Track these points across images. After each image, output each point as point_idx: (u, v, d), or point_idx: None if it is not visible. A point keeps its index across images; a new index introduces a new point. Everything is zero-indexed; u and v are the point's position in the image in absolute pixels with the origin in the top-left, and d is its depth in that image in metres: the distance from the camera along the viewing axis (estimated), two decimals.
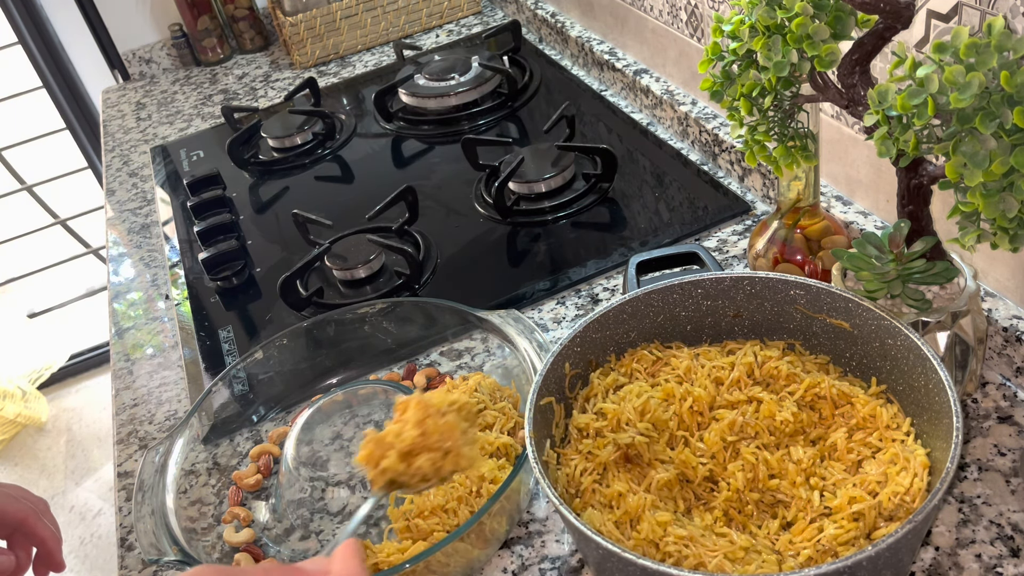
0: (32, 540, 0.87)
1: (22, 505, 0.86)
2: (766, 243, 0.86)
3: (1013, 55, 0.53)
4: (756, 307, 0.73)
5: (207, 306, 1.10)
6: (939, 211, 0.70)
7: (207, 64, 1.82)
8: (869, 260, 0.66)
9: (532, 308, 0.98)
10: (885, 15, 0.61)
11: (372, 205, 1.15)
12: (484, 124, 1.39)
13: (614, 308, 0.72)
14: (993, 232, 0.57)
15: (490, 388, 0.83)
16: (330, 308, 1.02)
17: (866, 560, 0.50)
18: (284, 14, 1.67)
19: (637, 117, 1.27)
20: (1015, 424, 0.73)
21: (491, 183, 1.16)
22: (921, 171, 0.65)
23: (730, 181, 1.10)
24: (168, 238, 1.27)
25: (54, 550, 0.88)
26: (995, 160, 0.53)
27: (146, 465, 0.79)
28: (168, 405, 0.98)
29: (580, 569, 0.71)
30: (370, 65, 1.67)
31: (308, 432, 0.82)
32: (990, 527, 0.66)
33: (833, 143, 0.93)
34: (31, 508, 0.87)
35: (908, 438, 0.62)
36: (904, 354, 0.64)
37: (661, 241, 1.03)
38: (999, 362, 0.77)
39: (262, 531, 0.79)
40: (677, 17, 1.15)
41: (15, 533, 0.86)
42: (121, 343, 1.10)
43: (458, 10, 1.76)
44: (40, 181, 2.56)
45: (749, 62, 0.67)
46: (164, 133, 1.59)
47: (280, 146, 1.41)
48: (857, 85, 0.65)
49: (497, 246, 1.10)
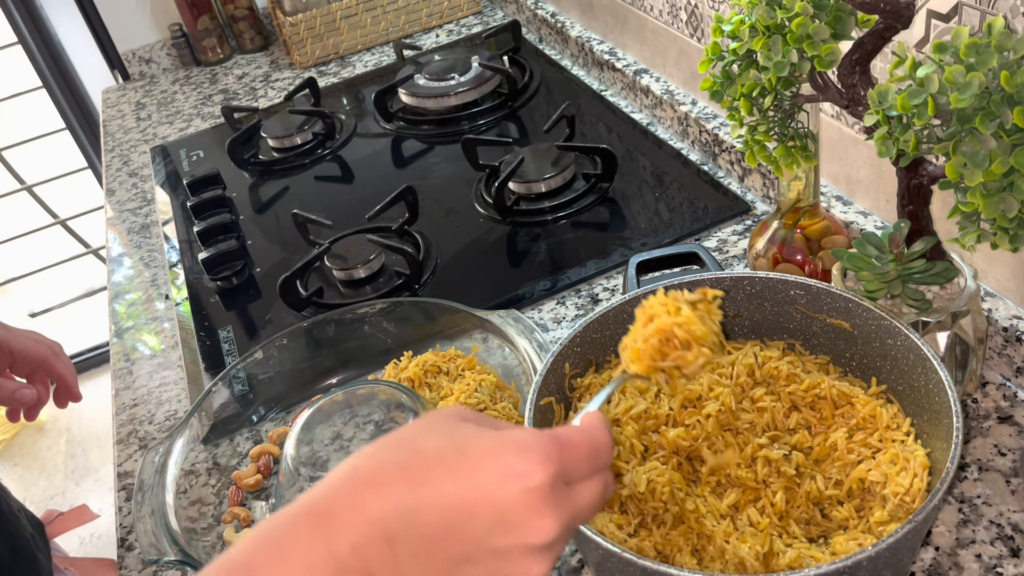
0: (51, 375, 1.03)
1: (41, 346, 1.01)
2: (766, 243, 0.86)
3: (1013, 55, 0.53)
4: (756, 307, 0.73)
5: (207, 306, 1.10)
6: (939, 211, 0.70)
7: (207, 64, 1.82)
8: (869, 260, 0.66)
9: (532, 308, 0.98)
10: (885, 15, 0.61)
11: (372, 205, 1.15)
12: (484, 124, 1.38)
13: (614, 308, 0.72)
14: (993, 232, 0.57)
15: (490, 388, 0.83)
16: (330, 308, 1.02)
17: (866, 560, 0.50)
18: (284, 14, 1.67)
19: (637, 117, 1.27)
20: (1015, 424, 0.73)
21: (491, 183, 1.16)
22: (921, 171, 0.65)
23: (730, 181, 1.10)
24: (168, 238, 1.27)
25: (71, 384, 1.04)
26: (995, 160, 0.53)
27: (146, 465, 0.79)
28: (168, 405, 0.98)
29: (580, 569, 0.71)
30: (370, 65, 1.67)
31: (308, 432, 0.82)
32: (990, 527, 0.66)
33: (833, 143, 0.93)
34: (49, 348, 1.02)
35: (908, 438, 0.62)
36: (904, 354, 0.64)
37: (661, 241, 1.03)
38: (999, 362, 0.77)
39: None
40: (677, 17, 1.15)
41: (35, 371, 1.01)
42: (121, 343, 1.10)
43: (458, 10, 1.76)
44: (40, 181, 2.56)
45: (749, 62, 0.67)
46: (164, 133, 1.59)
47: (280, 146, 1.41)
48: (857, 85, 0.65)
49: (497, 246, 1.10)
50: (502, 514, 0.41)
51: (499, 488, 0.41)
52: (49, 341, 1.04)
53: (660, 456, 0.65)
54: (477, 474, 0.41)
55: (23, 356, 1.00)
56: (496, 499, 0.41)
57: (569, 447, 0.44)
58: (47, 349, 1.02)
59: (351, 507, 0.41)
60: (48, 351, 1.02)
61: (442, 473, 0.41)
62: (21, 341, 1.01)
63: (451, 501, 0.41)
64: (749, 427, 0.67)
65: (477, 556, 0.41)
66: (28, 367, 1.01)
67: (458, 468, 0.41)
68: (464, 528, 0.41)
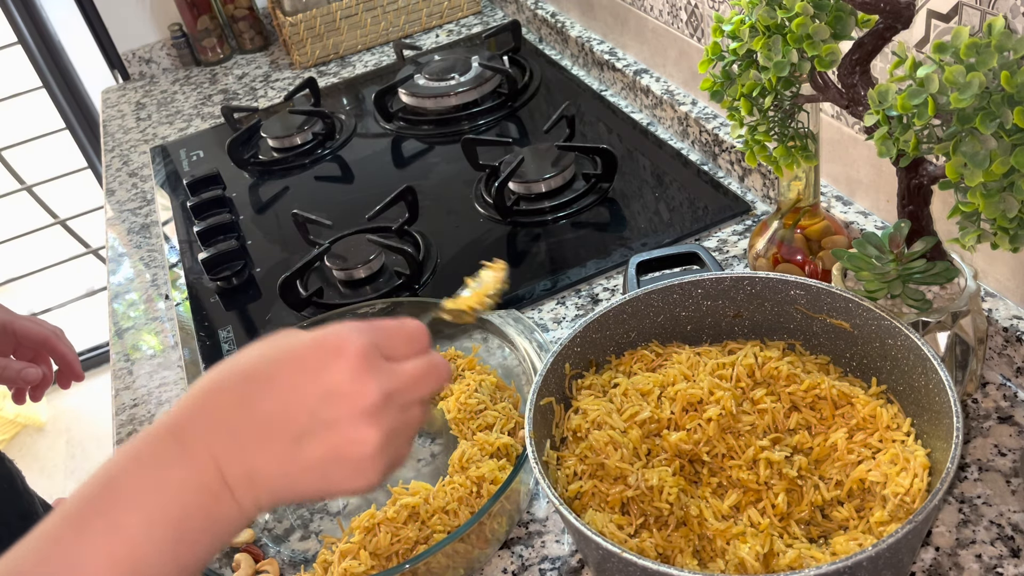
0: (54, 356, 1.05)
1: (44, 328, 1.04)
2: (766, 243, 0.86)
3: (1013, 55, 0.53)
4: (756, 307, 0.73)
5: (207, 306, 1.10)
6: (939, 211, 0.70)
7: (207, 64, 1.82)
8: (869, 260, 0.66)
9: (532, 308, 0.98)
10: (885, 15, 0.61)
11: (372, 205, 1.15)
12: (484, 124, 1.38)
13: (614, 308, 0.72)
14: (993, 232, 0.57)
15: (490, 388, 0.83)
16: (330, 308, 1.02)
17: (866, 560, 0.50)
18: (284, 14, 1.67)
19: (637, 117, 1.27)
20: (1015, 424, 0.73)
21: (491, 183, 1.16)
22: (921, 171, 0.65)
23: (730, 181, 1.10)
24: (168, 238, 1.27)
25: (74, 363, 1.06)
26: (995, 160, 0.53)
27: None
28: (168, 405, 0.98)
29: (580, 569, 0.71)
30: (370, 65, 1.67)
31: None
32: (990, 527, 0.66)
33: (833, 143, 0.93)
34: (52, 331, 1.04)
35: (908, 438, 0.62)
36: (904, 354, 0.64)
37: (661, 241, 1.03)
38: (999, 362, 0.77)
39: (262, 531, 0.79)
40: (677, 17, 1.15)
41: (39, 352, 1.04)
42: (121, 343, 1.10)
43: (458, 10, 1.76)
44: (40, 181, 2.56)
45: (749, 62, 0.67)
46: (164, 133, 1.59)
47: (280, 146, 1.41)
48: (857, 85, 0.65)
49: (497, 246, 1.10)
50: (327, 386, 0.46)
51: (322, 368, 0.46)
52: (51, 325, 1.06)
53: (663, 459, 0.65)
54: (302, 361, 0.47)
55: (27, 338, 1.02)
56: (321, 377, 0.46)
57: (381, 328, 0.50)
58: (50, 331, 1.04)
59: (199, 413, 0.46)
60: (51, 333, 1.04)
61: (273, 368, 0.47)
62: (24, 324, 1.03)
63: (282, 386, 0.46)
64: (750, 429, 0.67)
65: (313, 429, 0.45)
66: (32, 349, 1.03)
67: (287, 362, 0.47)
68: (296, 406, 0.46)
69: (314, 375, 0.46)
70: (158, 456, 0.45)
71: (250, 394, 0.46)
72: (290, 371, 0.46)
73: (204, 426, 0.46)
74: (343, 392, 0.46)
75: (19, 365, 1.00)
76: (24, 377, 1.00)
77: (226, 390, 0.47)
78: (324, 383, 0.46)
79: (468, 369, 0.86)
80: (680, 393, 0.67)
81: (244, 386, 0.47)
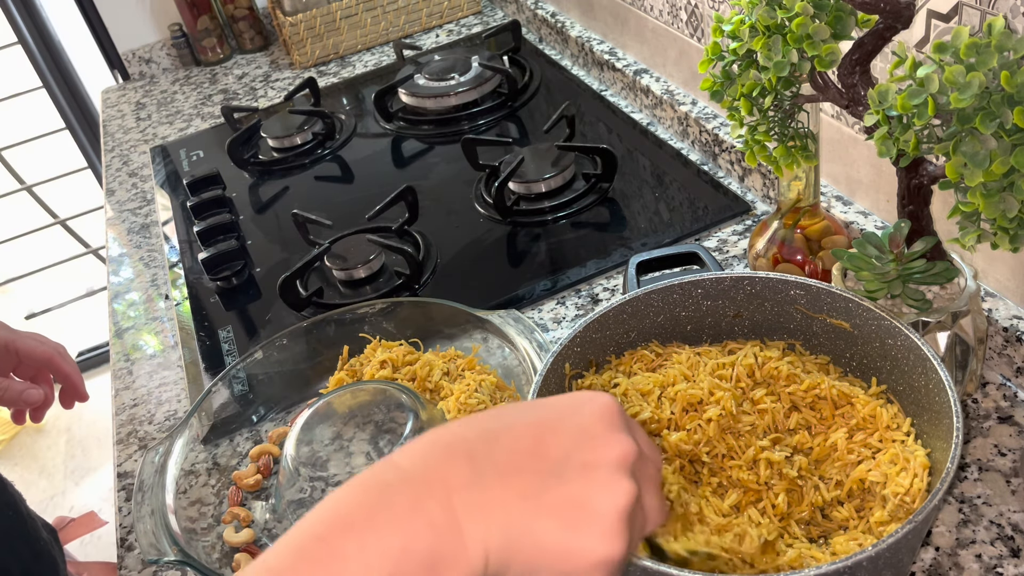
0: (57, 375, 1.03)
1: (47, 347, 1.01)
2: (766, 243, 0.86)
3: (1013, 55, 0.53)
4: (756, 307, 0.73)
5: (207, 306, 1.10)
6: (939, 211, 0.70)
7: (207, 64, 1.82)
8: (869, 260, 0.66)
9: (532, 308, 0.98)
10: (885, 15, 0.61)
11: (372, 205, 1.15)
12: (484, 124, 1.38)
13: (614, 308, 0.72)
14: (993, 232, 0.57)
15: (490, 388, 0.83)
16: (330, 308, 1.01)
17: (866, 560, 0.50)
18: (284, 14, 1.67)
19: (637, 117, 1.27)
20: (1015, 424, 0.73)
21: (491, 183, 1.16)
22: (921, 171, 0.65)
23: (730, 181, 1.10)
24: (168, 238, 1.27)
25: (78, 383, 1.04)
26: (995, 160, 0.53)
27: (146, 465, 0.79)
28: (168, 405, 0.98)
29: None
30: (370, 65, 1.67)
31: (308, 432, 0.82)
32: (990, 527, 0.66)
33: (833, 143, 0.93)
34: (54, 349, 1.02)
35: (908, 438, 0.62)
36: (904, 354, 0.64)
37: (661, 241, 1.03)
38: (999, 362, 0.77)
39: (262, 531, 0.79)
40: (677, 17, 1.15)
41: (41, 372, 1.01)
42: (121, 343, 1.10)
43: (458, 10, 1.76)
44: (40, 181, 2.56)
45: (749, 62, 0.67)
46: (164, 133, 1.59)
47: (280, 146, 1.41)
48: (857, 85, 0.65)
49: (497, 246, 1.10)
50: (584, 427, 0.43)
51: (578, 409, 0.44)
52: (54, 343, 1.04)
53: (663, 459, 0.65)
54: (553, 405, 0.44)
55: (29, 357, 1.00)
56: (576, 417, 0.43)
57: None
58: (52, 350, 1.02)
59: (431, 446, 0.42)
60: (54, 352, 1.01)
61: (521, 408, 0.45)
62: (26, 342, 1.00)
63: (534, 419, 0.43)
64: (751, 429, 0.67)
65: (565, 470, 0.41)
66: (33, 368, 1.01)
67: (536, 405, 0.45)
68: (550, 441, 0.42)
69: (570, 413, 0.43)
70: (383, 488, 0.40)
71: (494, 424, 0.43)
72: (542, 410, 0.44)
73: (438, 456, 0.41)
74: (601, 436, 0.43)
75: (21, 386, 0.98)
76: (26, 399, 0.98)
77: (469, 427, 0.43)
78: (581, 421, 0.43)
79: (468, 369, 0.86)
80: (680, 393, 0.67)
81: (488, 421, 0.43)
